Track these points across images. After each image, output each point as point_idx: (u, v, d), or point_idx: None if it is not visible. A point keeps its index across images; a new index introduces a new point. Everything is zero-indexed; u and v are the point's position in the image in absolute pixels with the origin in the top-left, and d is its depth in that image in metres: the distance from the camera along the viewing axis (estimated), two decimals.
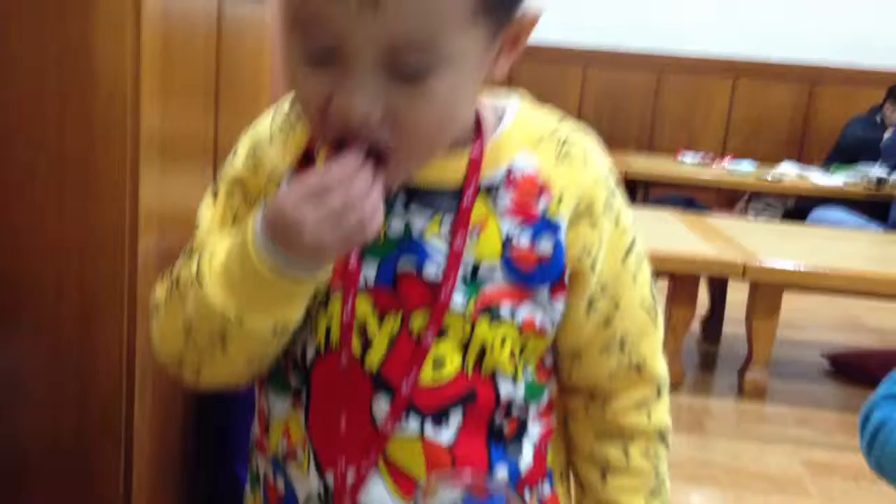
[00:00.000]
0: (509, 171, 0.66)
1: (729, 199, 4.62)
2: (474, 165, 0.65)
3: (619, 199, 0.70)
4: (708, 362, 2.63)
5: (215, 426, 1.32)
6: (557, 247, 0.66)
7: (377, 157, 0.59)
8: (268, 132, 0.70)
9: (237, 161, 0.70)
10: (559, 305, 0.68)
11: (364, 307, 0.66)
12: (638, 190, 4.12)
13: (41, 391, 1.01)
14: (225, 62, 1.21)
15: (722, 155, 4.54)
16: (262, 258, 0.60)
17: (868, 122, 4.25)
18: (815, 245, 2.52)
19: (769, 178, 3.76)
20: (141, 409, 1.03)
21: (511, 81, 0.69)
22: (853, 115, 4.49)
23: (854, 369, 2.52)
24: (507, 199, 0.65)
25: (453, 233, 0.65)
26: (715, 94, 4.97)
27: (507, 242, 0.65)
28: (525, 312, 0.67)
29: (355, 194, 0.58)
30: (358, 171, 0.58)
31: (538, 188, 0.66)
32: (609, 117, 5.00)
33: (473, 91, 0.62)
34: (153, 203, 1.01)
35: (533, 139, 0.67)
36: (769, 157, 4.48)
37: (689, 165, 4.12)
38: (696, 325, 2.66)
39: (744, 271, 2.15)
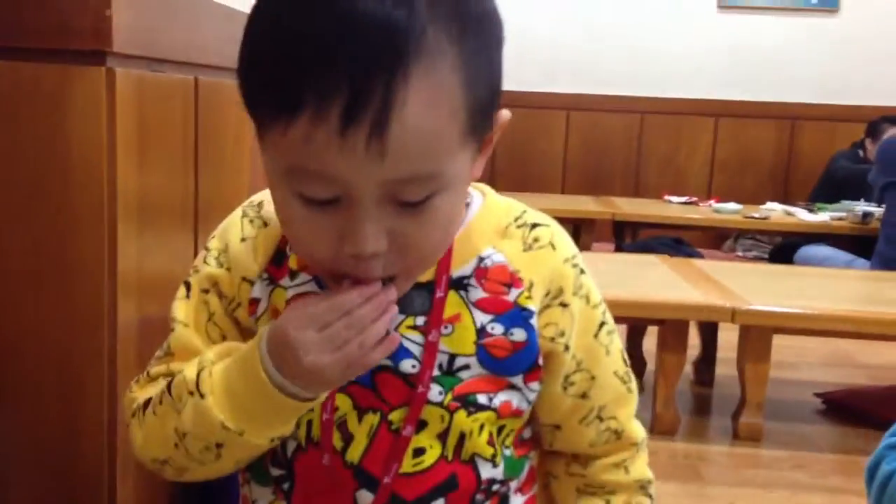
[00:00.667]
0: (479, 263, 0.68)
1: (717, 238, 4.65)
2: (444, 260, 0.67)
3: (587, 277, 0.72)
4: (702, 406, 2.61)
5: None
6: (531, 334, 0.68)
7: (384, 281, 0.61)
8: (239, 231, 0.71)
9: (210, 259, 0.71)
10: (535, 387, 0.70)
11: (344, 405, 0.67)
12: (626, 232, 4.13)
13: (23, 473, 1.00)
14: (204, 132, 1.21)
15: (708, 195, 4.57)
16: (267, 376, 0.61)
17: (852, 157, 4.30)
18: (803, 286, 2.53)
19: (755, 217, 3.78)
20: (124, 490, 1.01)
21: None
22: (836, 151, 4.54)
23: (847, 408, 2.51)
24: (478, 290, 0.67)
25: (428, 327, 0.66)
26: (698, 135, 5.03)
27: (481, 333, 0.67)
28: (502, 398, 0.69)
29: (359, 322, 0.60)
30: (364, 299, 0.59)
31: (508, 278, 0.68)
32: (595, 161, 5.05)
33: (464, 199, 0.65)
34: (131, 273, 1.00)
35: (499, 230, 0.70)
36: (754, 195, 4.52)
37: (675, 206, 4.14)
38: (688, 368, 2.66)
39: (733, 316, 2.15)
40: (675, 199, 4.24)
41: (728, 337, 2.45)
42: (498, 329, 0.67)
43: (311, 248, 0.60)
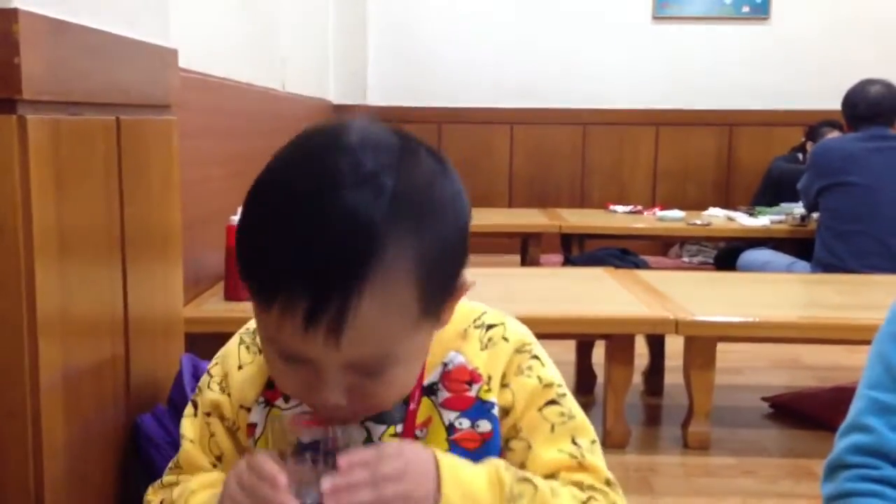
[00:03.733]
0: (444, 369, 0.77)
1: (662, 245, 4.71)
2: (416, 385, 0.75)
3: (539, 363, 0.79)
4: (652, 417, 2.63)
5: None
6: (494, 422, 0.76)
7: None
8: (237, 359, 0.81)
9: (213, 385, 0.81)
10: None
11: None
12: (573, 243, 4.16)
13: None
14: (128, 171, 1.19)
15: (652, 203, 4.63)
16: None
17: (791, 161, 4.39)
18: (745, 294, 2.57)
19: (698, 223, 3.84)
20: None
21: (441, 143, 0.74)
22: (773, 155, 4.64)
23: (794, 411, 2.55)
24: (444, 393, 0.76)
25: (404, 435, 0.75)
26: (639, 145, 5.10)
27: (450, 430, 0.76)
28: None
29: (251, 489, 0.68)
30: (269, 481, 0.67)
31: (469, 375, 0.77)
32: (540, 175, 5.08)
33: (423, 359, 0.74)
34: (53, 316, 0.97)
35: (459, 334, 0.78)
36: (697, 202, 4.59)
37: (620, 216, 4.19)
38: (638, 379, 2.67)
39: (677, 327, 2.17)
40: (619, 208, 4.29)
41: (676, 345, 2.47)
42: (465, 423, 0.76)
43: (287, 389, 0.73)
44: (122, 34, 1.18)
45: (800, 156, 4.36)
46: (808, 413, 2.48)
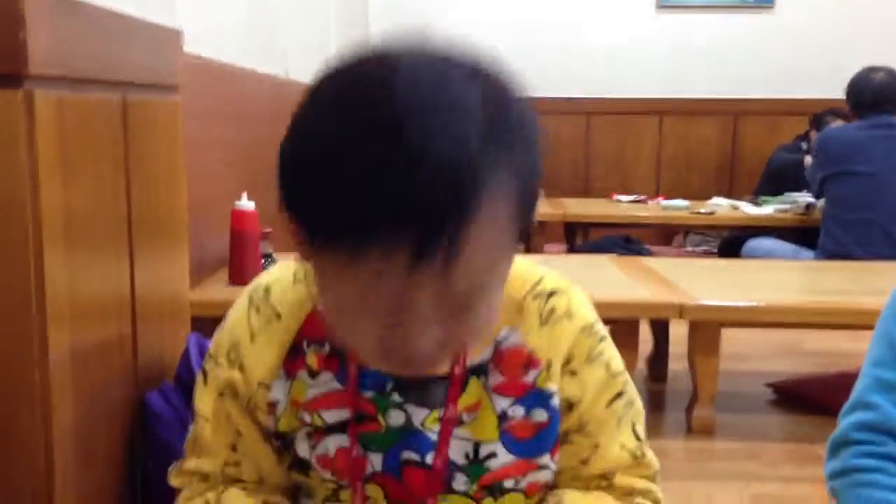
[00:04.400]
0: (496, 348, 0.69)
1: (666, 234, 4.71)
2: (459, 362, 0.68)
3: (607, 344, 0.73)
4: (656, 402, 2.64)
5: None
6: (552, 413, 0.70)
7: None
8: (247, 330, 0.70)
9: (221, 359, 0.71)
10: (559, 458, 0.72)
11: (376, 494, 0.70)
12: (578, 233, 4.16)
13: None
14: (134, 151, 1.19)
15: (656, 193, 4.63)
16: None
17: (793, 150, 4.38)
18: (749, 279, 2.57)
19: (702, 212, 3.84)
20: None
21: None
22: (778, 145, 4.63)
23: (797, 396, 2.55)
24: (497, 376, 0.68)
25: (446, 418, 0.68)
26: (643, 134, 5.09)
27: (502, 418, 0.69)
28: (530, 479, 0.71)
29: None
30: None
31: (526, 359, 0.69)
32: (544, 163, 5.07)
33: (502, 290, 0.62)
34: (62, 299, 0.97)
35: (514, 308, 0.69)
36: (701, 191, 4.58)
37: (624, 205, 4.18)
38: (642, 365, 2.68)
39: (681, 312, 2.17)
40: (623, 198, 4.29)
41: (681, 332, 2.47)
42: (519, 412, 0.69)
43: (363, 350, 0.60)
44: (130, 13, 1.18)
45: (803, 145, 4.35)
46: (811, 398, 2.49)
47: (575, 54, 5.01)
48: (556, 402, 0.70)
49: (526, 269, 0.71)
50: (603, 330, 0.73)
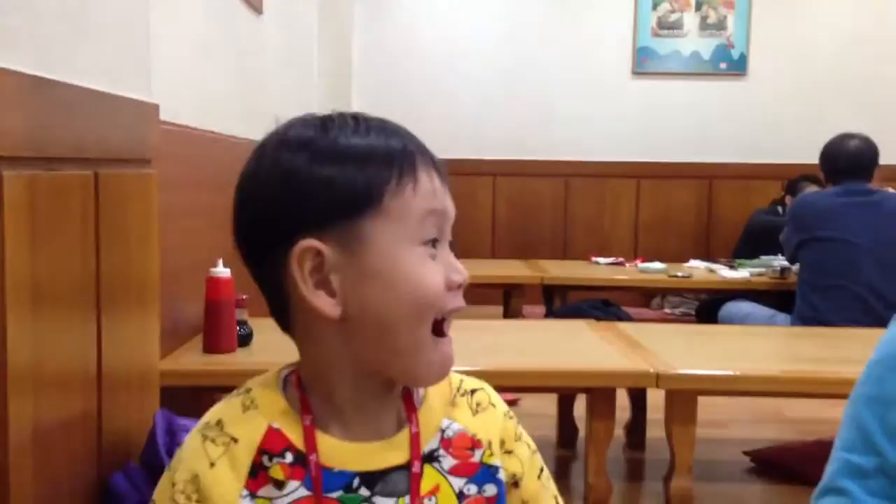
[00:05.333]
0: (442, 436, 0.78)
1: (644, 297, 4.72)
2: (415, 440, 0.76)
3: (521, 427, 0.84)
4: (635, 471, 2.61)
5: None
6: (499, 485, 0.79)
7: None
8: (205, 459, 0.72)
9: (178, 497, 0.72)
10: None
11: None
12: (556, 295, 4.16)
13: None
14: (106, 224, 1.18)
15: (634, 255, 4.66)
16: None
17: (770, 215, 4.44)
18: (726, 347, 2.57)
19: (679, 275, 3.86)
20: None
21: None
22: (752, 207, 4.69)
23: (776, 465, 2.54)
24: (449, 460, 0.78)
25: (412, 498, 0.75)
26: (621, 197, 5.15)
27: (460, 497, 0.77)
28: None
29: None
30: None
31: (470, 442, 0.79)
32: (522, 226, 5.11)
33: None
34: (24, 368, 0.95)
35: (447, 402, 0.81)
36: (678, 254, 4.62)
37: (602, 267, 4.20)
38: (620, 432, 2.66)
39: (657, 380, 2.16)
40: (601, 260, 4.30)
41: (659, 399, 2.46)
42: (473, 489, 0.78)
43: (440, 293, 0.73)
44: (102, 90, 1.18)
45: (780, 209, 4.41)
46: (789, 467, 2.47)
47: (553, 117, 5.10)
48: (501, 475, 0.80)
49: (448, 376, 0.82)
50: (513, 414, 0.85)
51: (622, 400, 2.41)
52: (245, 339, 2.15)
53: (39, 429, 1.00)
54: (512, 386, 2.36)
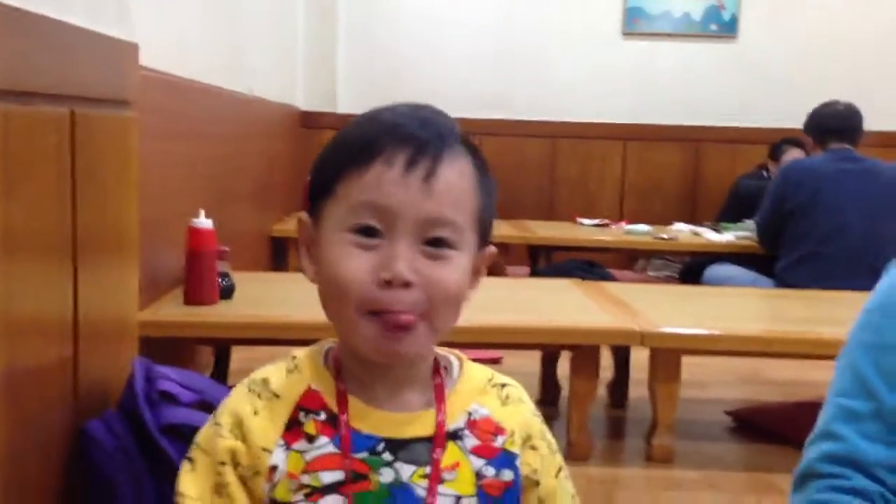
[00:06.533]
0: (469, 417, 0.84)
1: (628, 259, 4.73)
2: (440, 425, 0.82)
3: (546, 428, 0.89)
4: (616, 429, 2.62)
5: None
6: (516, 472, 0.84)
7: (403, 327, 0.76)
8: (250, 408, 0.81)
9: (224, 433, 0.80)
10: None
11: None
12: (540, 256, 4.16)
13: None
14: (82, 166, 1.15)
15: (619, 217, 4.65)
16: None
17: (755, 179, 4.43)
18: (710, 307, 2.57)
19: (664, 237, 3.85)
20: None
21: None
22: (738, 171, 4.68)
23: (756, 425, 2.55)
24: (472, 440, 0.83)
25: (433, 475, 0.81)
26: (608, 158, 5.13)
27: (478, 476, 0.82)
28: None
29: None
30: None
31: (494, 428, 0.85)
32: (508, 186, 5.08)
33: (467, 288, 0.82)
34: None
35: (478, 390, 0.87)
36: (663, 216, 4.61)
37: (588, 228, 4.19)
38: (603, 391, 2.66)
39: (642, 339, 2.16)
40: (587, 221, 4.30)
41: (642, 358, 2.46)
42: (491, 471, 0.82)
43: (354, 281, 0.76)
44: (82, 25, 1.14)
45: (765, 173, 4.41)
46: (770, 427, 2.49)
47: (542, 77, 5.04)
48: (519, 463, 0.84)
49: (481, 367, 0.90)
50: (540, 415, 0.90)
51: (605, 360, 2.41)
52: (227, 292, 2.12)
53: (13, 374, 0.97)
54: (496, 342, 2.35)
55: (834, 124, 3.31)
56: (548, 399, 2.60)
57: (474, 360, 0.91)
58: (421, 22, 5.03)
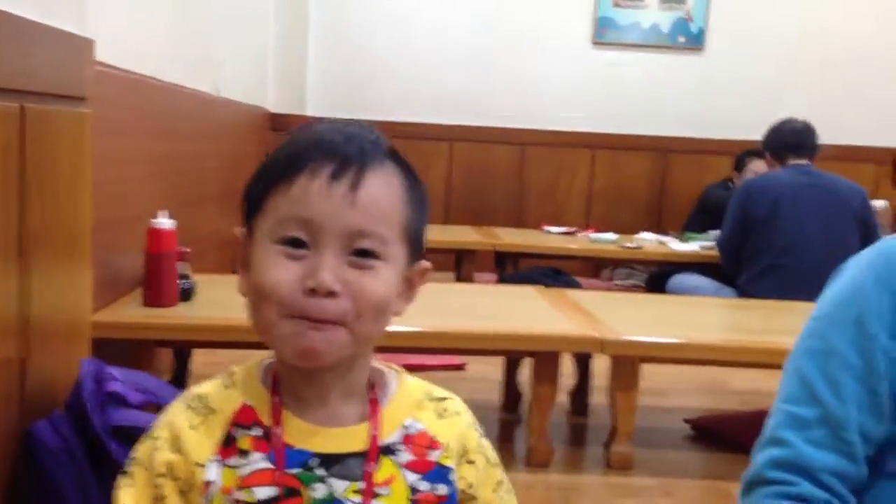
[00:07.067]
0: (405, 433, 0.85)
1: (595, 267, 4.75)
2: (373, 439, 0.82)
3: (485, 440, 0.90)
4: (577, 436, 2.63)
5: None
6: (451, 487, 0.85)
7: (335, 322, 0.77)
8: (187, 421, 0.82)
9: (161, 446, 0.81)
10: None
11: None
12: (508, 262, 4.16)
13: None
14: (33, 162, 1.13)
15: (586, 225, 4.67)
16: None
17: (722, 189, 4.48)
18: (671, 315, 2.59)
19: (630, 246, 3.88)
20: None
21: None
22: (705, 182, 4.73)
23: (714, 433, 2.58)
24: (406, 455, 0.83)
25: (367, 491, 0.80)
26: (576, 167, 5.16)
27: (413, 490, 0.83)
28: None
29: None
30: None
31: (429, 442, 0.85)
32: (477, 193, 5.10)
33: (395, 301, 0.82)
34: None
35: (415, 404, 0.87)
36: (630, 225, 4.65)
37: (555, 236, 4.21)
38: (565, 398, 2.67)
39: (602, 346, 2.17)
40: (554, 229, 4.31)
41: (605, 365, 2.48)
42: (425, 486, 0.83)
43: (279, 287, 0.77)
44: (33, 18, 1.12)
45: (731, 184, 4.46)
46: (728, 436, 2.51)
47: (512, 83, 5.06)
48: (454, 478, 0.85)
49: (418, 381, 0.90)
50: (480, 428, 0.90)
51: (567, 368, 2.41)
52: (187, 294, 2.10)
53: None
54: (458, 348, 2.35)
55: (793, 140, 3.37)
56: (509, 405, 2.60)
57: (439, 366, 0.92)
58: (393, 25, 5.03)
